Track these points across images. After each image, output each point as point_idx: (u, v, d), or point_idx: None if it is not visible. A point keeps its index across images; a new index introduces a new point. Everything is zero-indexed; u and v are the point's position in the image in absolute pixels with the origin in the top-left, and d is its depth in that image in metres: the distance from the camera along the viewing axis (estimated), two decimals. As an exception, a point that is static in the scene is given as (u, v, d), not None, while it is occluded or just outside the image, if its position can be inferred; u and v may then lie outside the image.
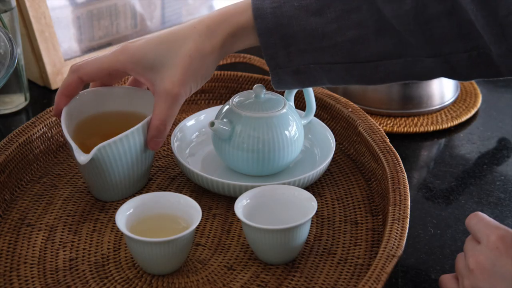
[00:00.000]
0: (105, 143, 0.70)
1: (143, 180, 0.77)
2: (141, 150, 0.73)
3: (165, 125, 0.71)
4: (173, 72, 0.69)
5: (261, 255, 0.68)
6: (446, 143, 0.92)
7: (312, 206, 0.67)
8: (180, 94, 0.70)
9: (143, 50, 0.70)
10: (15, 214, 0.74)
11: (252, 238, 0.67)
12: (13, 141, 0.78)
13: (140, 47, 0.70)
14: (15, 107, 0.97)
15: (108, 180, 0.73)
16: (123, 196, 0.76)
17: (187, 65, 0.69)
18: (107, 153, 0.70)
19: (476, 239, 0.59)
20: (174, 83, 0.69)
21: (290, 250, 0.67)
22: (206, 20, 0.70)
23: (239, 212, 0.67)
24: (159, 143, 0.73)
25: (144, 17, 1.10)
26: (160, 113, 0.71)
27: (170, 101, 0.70)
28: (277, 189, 0.70)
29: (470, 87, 1.02)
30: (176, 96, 0.70)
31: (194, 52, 0.69)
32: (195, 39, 0.69)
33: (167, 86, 0.69)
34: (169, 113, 0.71)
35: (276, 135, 0.76)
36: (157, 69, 0.70)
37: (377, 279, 0.60)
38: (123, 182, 0.74)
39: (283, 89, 0.73)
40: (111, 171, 0.72)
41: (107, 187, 0.74)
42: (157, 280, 0.66)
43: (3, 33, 0.80)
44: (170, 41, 0.70)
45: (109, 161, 0.71)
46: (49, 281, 0.66)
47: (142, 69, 0.70)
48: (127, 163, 0.72)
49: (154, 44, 0.70)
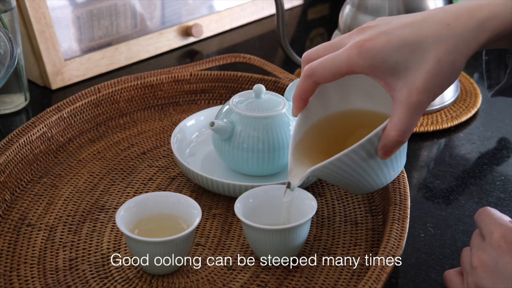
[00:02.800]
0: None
1: None
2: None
3: (403, 137, 0.62)
4: (417, 78, 0.60)
5: (261, 255, 0.68)
6: (446, 143, 0.92)
7: (312, 206, 0.67)
8: (423, 102, 0.61)
9: (384, 53, 0.61)
10: (15, 214, 0.74)
11: (252, 238, 0.67)
12: (13, 141, 0.78)
13: (381, 49, 0.61)
14: (15, 107, 0.97)
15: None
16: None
17: (435, 70, 0.60)
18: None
19: (482, 235, 0.59)
20: (418, 89, 0.60)
21: (290, 250, 0.67)
22: (463, 15, 0.60)
23: (239, 212, 0.67)
24: (389, 153, 0.64)
25: (144, 17, 1.10)
26: (399, 122, 0.61)
27: (412, 110, 0.61)
28: (277, 189, 0.70)
29: (470, 87, 1.02)
30: (419, 104, 0.61)
31: (444, 56, 0.60)
32: (448, 41, 0.60)
33: (410, 93, 0.61)
34: (410, 123, 0.61)
35: (276, 135, 0.76)
36: (399, 74, 0.61)
37: (377, 279, 0.60)
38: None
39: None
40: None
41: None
42: (157, 280, 0.66)
43: (3, 33, 0.80)
44: (415, 42, 0.61)
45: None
46: (49, 281, 0.66)
47: (383, 73, 0.62)
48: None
49: (397, 46, 0.61)
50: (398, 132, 0.62)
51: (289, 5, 1.29)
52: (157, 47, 1.12)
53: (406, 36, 0.61)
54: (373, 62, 0.61)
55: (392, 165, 0.67)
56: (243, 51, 1.03)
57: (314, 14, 1.31)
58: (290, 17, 1.28)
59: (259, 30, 1.23)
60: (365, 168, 0.65)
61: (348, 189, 0.69)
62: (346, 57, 0.62)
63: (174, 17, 1.13)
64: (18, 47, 0.92)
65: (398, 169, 0.68)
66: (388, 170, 0.67)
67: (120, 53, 1.07)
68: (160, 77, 0.92)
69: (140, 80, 0.91)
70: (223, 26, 1.20)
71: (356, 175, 0.65)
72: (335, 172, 0.65)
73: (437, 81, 0.60)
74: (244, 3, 1.22)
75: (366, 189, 0.68)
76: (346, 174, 0.65)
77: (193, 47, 1.16)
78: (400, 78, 0.61)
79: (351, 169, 0.65)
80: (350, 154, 0.63)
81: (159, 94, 0.93)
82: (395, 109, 0.62)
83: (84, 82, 1.04)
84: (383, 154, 0.64)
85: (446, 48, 0.60)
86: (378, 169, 0.66)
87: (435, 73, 0.60)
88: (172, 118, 0.92)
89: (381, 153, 0.64)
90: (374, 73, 0.62)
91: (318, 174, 0.67)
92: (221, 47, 1.17)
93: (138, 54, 1.09)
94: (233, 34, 1.21)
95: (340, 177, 0.66)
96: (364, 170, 0.65)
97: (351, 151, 0.63)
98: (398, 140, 0.62)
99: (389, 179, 0.68)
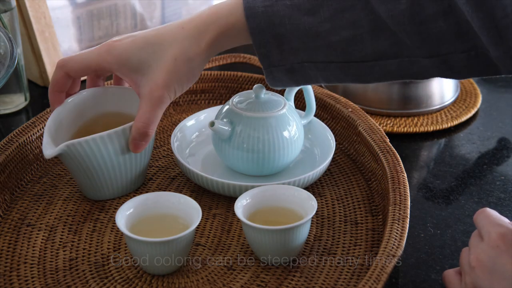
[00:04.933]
0: (75, 140, 0.70)
1: (136, 182, 0.77)
2: (126, 153, 0.73)
3: (147, 128, 0.71)
4: (157, 75, 0.68)
5: (261, 255, 0.68)
6: (446, 143, 0.92)
7: (312, 206, 0.67)
8: (164, 96, 0.69)
9: (129, 51, 0.69)
10: (15, 214, 0.74)
11: (252, 238, 0.67)
12: (13, 141, 0.78)
13: (126, 48, 0.69)
14: (15, 107, 0.97)
15: (90, 179, 0.73)
16: (111, 196, 0.76)
17: (172, 68, 0.68)
18: (78, 151, 0.70)
19: (481, 235, 0.59)
20: (158, 85, 0.69)
21: (290, 250, 0.67)
22: (195, 20, 0.69)
23: (239, 212, 0.67)
24: (140, 146, 0.72)
25: (144, 17, 1.10)
26: (143, 116, 0.70)
27: (154, 104, 0.69)
28: (277, 189, 0.70)
29: (470, 87, 1.02)
30: (160, 98, 0.69)
31: (179, 55, 0.68)
32: (182, 41, 0.68)
33: (151, 89, 0.69)
34: (152, 116, 0.70)
35: (276, 135, 0.76)
36: (142, 71, 0.69)
37: (377, 279, 0.60)
38: (109, 182, 0.74)
39: (278, 87, 0.72)
40: (88, 170, 0.72)
41: (90, 186, 0.74)
42: (157, 280, 0.66)
43: (3, 33, 0.80)
44: (156, 43, 0.69)
45: (84, 159, 0.71)
46: (49, 281, 0.66)
47: (128, 70, 0.70)
48: (111, 163, 0.72)
49: (140, 46, 0.69)
50: (142, 124, 0.70)
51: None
52: (157, 47, 1.11)
53: (149, 38, 0.69)
54: (119, 59, 0.69)
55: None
56: (243, 51, 1.03)
57: (314, 14, 1.31)
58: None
59: (259, 30, 1.23)
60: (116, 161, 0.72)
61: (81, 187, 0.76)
62: (97, 54, 0.70)
63: (174, 17, 1.13)
64: (18, 47, 0.92)
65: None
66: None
67: (120, 53, 1.07)
68: (160, 77, 0.92)
69: (140, 80, 0.91)
70: (223, 26, 1.20)
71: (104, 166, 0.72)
72: (86, 155, 0.71)
73: (175, 78, 0.69)
74: (244, 3, 1.22)
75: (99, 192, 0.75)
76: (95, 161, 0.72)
77: (193, 47, 1.16)
78: (144, 75, 0.69)
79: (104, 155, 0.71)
80: (104, 137, 0.70)
81: (159, 94, 0.93)
82: (140, 103, 0.70)
83: (84, 82, 1.03)
84: (133, 147, 0.72)
85: (181, 47, 0.68)
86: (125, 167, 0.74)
87: (172, 70, 0.68)
88: (172, 118, 0.92)
89: (132, 146, 0.72)
90: (121, 71, 0.70)
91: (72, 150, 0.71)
92: (221, 47, 1.17)
93: (138, 54, 1.09)
94: (233, 34, 1.20)
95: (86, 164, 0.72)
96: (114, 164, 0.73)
97: (105, 134, 0.70)
98: (143, 132, 0.71)
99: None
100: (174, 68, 0.68)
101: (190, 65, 0.69)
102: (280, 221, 0.68)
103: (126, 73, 0.70)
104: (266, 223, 0.67)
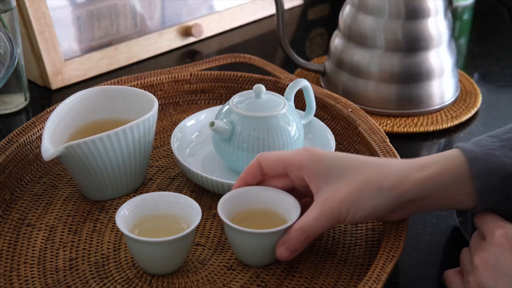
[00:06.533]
0: (74, 142, 0.70)
1: (136, 183, 0.77)
2: (125, 154, 0.73)
3: (304, 234, 0.64)
4: (341, 188, 0.63)
5: (249, 260, 0.67)
6: (446, 143, 0.92)
7: (295, 212, 0.66)
8: (336, 209, 0.62)
9: (325, 154, 0.65)
10: (15, 214, 0.74)
11: (239, 243, 0.66)
12: (13, 141, 0.78)
13: (324, 151, 0.66)
14: (15, 107, 0.97)
15: (89, 180, 0.74)
16: (111, 197, 0.76)
17: (358, 187, 0.62)
18: (77, 152, 0.70)
19: (482, 235, 0.59)
20: (336, 197, 0.63)
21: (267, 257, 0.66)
22: (400, 161, 0.64)
23: (222, 213, 0.66)
24: (290, 252, 0.65)
25: (144, 17, 1.10)
26: (305, 220, 0.63)
27: (322, 212, 0.63)
28: (262, 191, 0.69)
29: (470, 87, 1.02)
30: (331, 209, 0.63)
31: (372, 180, 0.62)
32: (381, 167, 0.64)
33: (328, 198, 0.63)
34: (314, 224, 0.63)
35: (276, 135, 0.76)
36: (329, 178, 0.63)
37: (377, 279, 0.60)
38: (109, 183, 0.74)
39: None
40: (88, 171, 0.73)
41: (90, 186, 0.75)
42: (157, 280, 0.66)
43: (3, 33, 0.80)
44: (358, 160, 0.65)
45: (84, 161, 0.71)
46: (49, 281, 0.66)
47: (316, 172, 0.64)
48: (110, 164, 0.73)
49: (340, 155, 0.65)
50: (299, 227, 0.63)
51: (289, 5, 1.29)
52: (157, 47, 1.12)
53: (353, 155, 0.65)
54: (313, 158, 0.64)
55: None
56: (243, 51, 1.03)
57: (314, 14, 1.31)
58: (290, 17, 1.28)
59: (259, 30, 1.23)
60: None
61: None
62: (293, 150, 0.67)
63: (174, 17, 1.13)
64: (18, 47, 0.92)
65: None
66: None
67: (120, 53, 1.07)
68: (160, 77, 0.92)
69: (140, 80, 0.91)
70: (223, 26, 1.20)
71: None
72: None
73: (356, 198, 0.62)
74: (244, 3, 1.22)
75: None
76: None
77: (193, 47, 1.16)
78: (328, 183, 0.63)
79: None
80: (103, 138, 0.70)
81: (159, 94, 0.93)
82: (312, 207, 0.64)
83: (84, 82, 1.04)
84: (282, 250, 0.65)
85: (378, 172, 0.63)
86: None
87: (357, 190, 0.62)
88: (172, 118, 0.92)
89: (281, 248, 0.65)
90: (309, 170, 0.64)
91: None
92: (221, 47, 1.17)
93: (138, 54, 1.09)
94: (233, 34, 1.21)
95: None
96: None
97: (104, 135, 0.70)
98: (295, 234, 0.64)
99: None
100: (359, 188, 0.62)
101: (379, 194, 0.62)
102: (259, 223, 0.67)
103: (313, 176, 0.64)
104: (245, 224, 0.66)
